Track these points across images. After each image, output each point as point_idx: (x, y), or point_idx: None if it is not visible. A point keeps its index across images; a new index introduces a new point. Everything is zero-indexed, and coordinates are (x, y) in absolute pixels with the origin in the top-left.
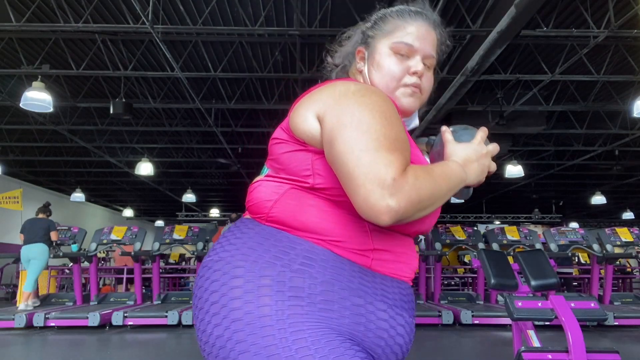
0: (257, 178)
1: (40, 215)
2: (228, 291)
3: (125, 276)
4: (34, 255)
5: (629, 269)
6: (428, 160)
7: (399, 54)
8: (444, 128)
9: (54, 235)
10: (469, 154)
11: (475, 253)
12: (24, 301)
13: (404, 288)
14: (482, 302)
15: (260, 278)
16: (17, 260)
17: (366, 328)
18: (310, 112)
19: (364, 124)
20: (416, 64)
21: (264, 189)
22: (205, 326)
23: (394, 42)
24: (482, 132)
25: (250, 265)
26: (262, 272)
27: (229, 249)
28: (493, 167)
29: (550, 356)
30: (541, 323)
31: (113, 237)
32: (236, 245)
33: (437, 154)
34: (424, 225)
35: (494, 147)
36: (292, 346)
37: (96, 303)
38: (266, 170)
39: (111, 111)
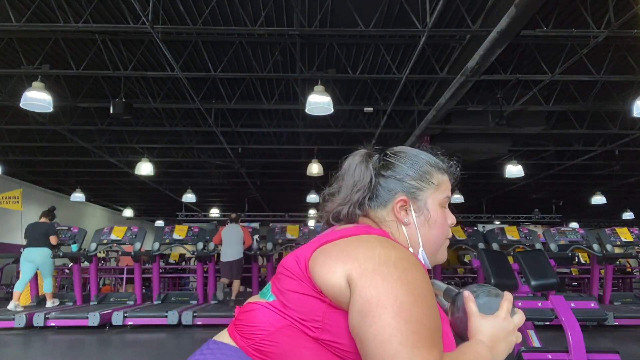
0: (257, 300)
1: (43, 219)
2: None
3: (125, 276)
4: (40, 261)
5: (629, 269)
6: (447, 317)
7: (444, 208)
8: (467, 294)
9: (53, 240)
10: (497, 333)
11: (475, 253)
12: (48, 300)
13: None
14: None
15: None
16: (17, 260)
17: None
18: (340, 268)
19: (405, 311)
20: (452, 217)
21: (262, 316)
22: None
23: (445, 197)
24: (508, 302)
25: None
26: None
27: None
28: (519, 339)
29: (550, 356)
30: (541, 323)
31: (113, 237)
32: None
33: (458, 320)
34: None
35: (520, 319)
36: None
37: (96, 303)
38: (271, 296)
39: (111, 111)
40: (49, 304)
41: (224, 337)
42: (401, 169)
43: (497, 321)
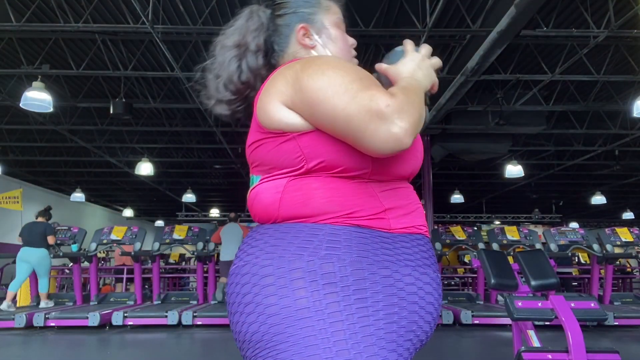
0: (252, 188)
1: (40, 219)
2: (261, 290)
3: (125, 276)
4: (36, 261)
5: (629, 269)
6: None
7: (340, 29)
8: (376, 65)
9: (50, 240)
10: (410, 67)
11: (475, 253)
12: (7, 300)
13: (423, 243)
14: (482, 302)
15: (291, 272)
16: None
17: (399, 298)
18: (275, 104)
19: (328, 89)
20: (351, 38)
21: (264, 193)
22: (241, 327)
23: (338, 18)
24: (409, 44)
25: (278, 261)
26: (291, 265)
27: (252, 251)
28: (436, 62)
29: (550, 356)
30: (541, 323)
31: (113, 237)
32: (258, 247)
33: (387, 84)
34: (416, 161)
35: (426, 48)
36: (330, 338)
37: (96, 303)
38: (256, 178)
39: (111, 111)
40: (42, 304)
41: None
42: (292, 3)
43: (406, 60)
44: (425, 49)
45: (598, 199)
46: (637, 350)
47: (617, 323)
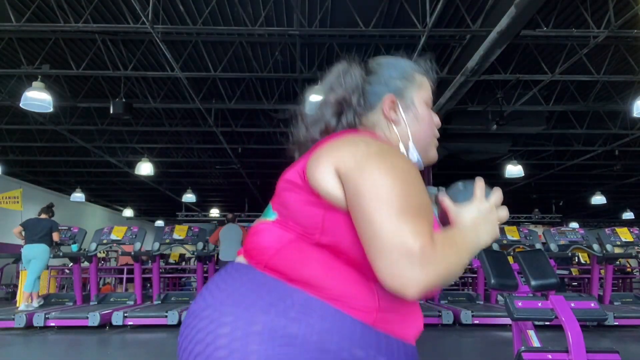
0: (262, 220)
1: (43, 216)
2: (213, 340)
3: (125, 276)
4: (35, 256)
5: (629, 269)
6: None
7: (429, 107)
8: (440, 195)
9: (56, 236)
10: (475, 217)
11: None
12: (24, 301)
13: (410, 350)
14: (482, 302)
15: (251, 325)
16: (17, 260)
17: None
18: (329, 168)
19: (384, 192)
20: (436, 117)
21: (268, 234)
22: None
23: (428, 96)
24: (480, 187)
25: (241, 312)
26: (254, 319)
27: (218, 295)
28: (503, 216)
29: (550, 356)
30: (541, 323)
31: (113, 237)
32: (226, 291)
33: (443, 218)
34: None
35: (497, 197)
36: None
37: (96, 303)
38: (272, 214)
39: (111, 111)
40: (22, 306)
41: (239, 260)
42: (384, 72)
43: (474, 207)
44: (497, 196)
45: (598, 199)
46: (637, 350)
47: (617, 323)
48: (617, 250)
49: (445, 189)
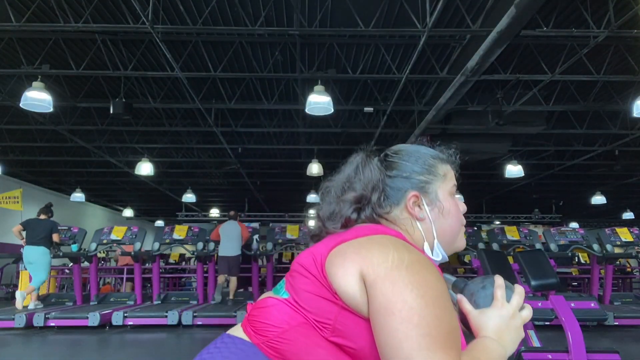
0: (272, 296)
1: (42, 216)
2: None
3: (125, 276)
4: (35, 259)
5: (629, 269)
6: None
7: (454, 197)
8: (459, 297)
9: (56, 237)
10: (499, 325)
11: (475, 253)
12: (32, 300)
13: None
14: None
15: None
16: (17, 260)
17: None
18: (355, 269)
19: (415, 315)
20: (462, 205)
21: (277, 312)
22: None
23: (453, 185)
24: (500, 289)
25: None
26: None
27: None
28: (527, 316)
29: (550, 356)
30: (541, 323)
31: (113, 237)
32: None
33: (461, 319)
34: None
35: (519, 298)
36: None
37: (96, 303)
38: (285, 292)
39: (111, 111)
40: (31, 305)
41: (238, 331)
42: (406, 166)
43: (496, 313)
44: (518, 296)
45: (598, 199)
46: (637, 350)
47: (617, 323)
48: (617, 250)
49: (461, 284)
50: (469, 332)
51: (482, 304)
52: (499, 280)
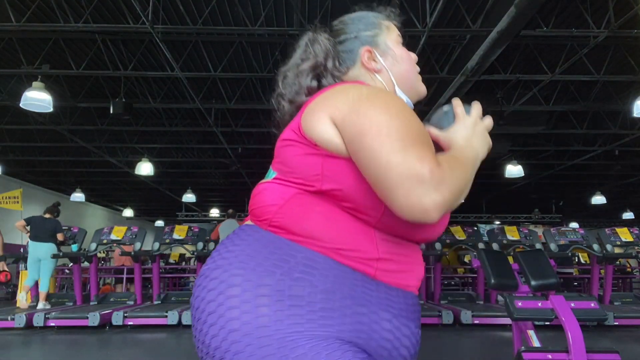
0: (263, 181)
1: (48, 215)
2: (225, 300)
3: (125, 276)
4: (43, 256)
5: (629, 269)
6: None
7: (402, 45)
8: (427, 127)
9: (60, 236)
10: (465, 133)
11: (475, 253)
12: (41, 300)
13: (410, 298)
14: (482, 302)
15: (259, 287)
16: (17, 260)
17: (369, 337)
18: (324, 116)
19: (384, 127)
20: (413, 54)
21: (270, 193)
22: (203, 337)
23: (398, 35)
24: (459, 106)
25: (249, 273)
26: (261, 281)
27: (227, 256)
28: (488, 123)
29: (550, 356)
30: (541, 323)
31: (113, 237)
32: (234, 252)
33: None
34: (434, 232)
35: (477, 109)
36: (289, 355)
37: (96, 303)
38: (272, 173)
39: (111, 111)
40: (40, 305)
41: (248, 222)
42: (351, 28)
43: (459, 125)
44: (477, 109)
45: (598, 199)
46: (637, 350)
47: (617, 323)
48: (617, 250)
49: (429, 116)
50: None
51: (447, 125)
52: (455, 101)
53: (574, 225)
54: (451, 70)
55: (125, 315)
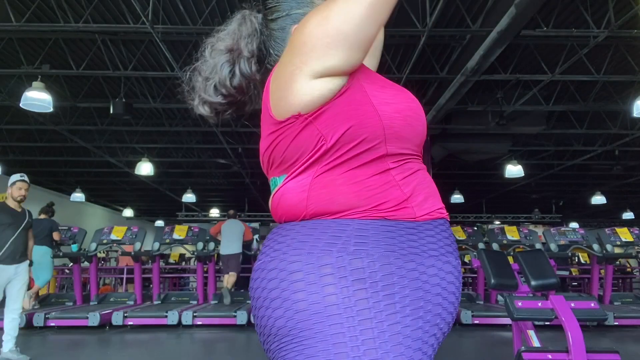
0: (275, 190)
1: (42, 216)
2: (289, 285)
3: (125, 276)
4: (37, 259)
5: (629, 269)
6: None
7: None
8: None
9: (56, 236)
10: None
11: (475, 253)
12: (31, 292)
13: (445, 229)
14: (482, 302)
15: (320, 267)
16: None
17: (424, 291)
18: (289, 86)
19: (305, 24)
20: None
21: (290, 193)
22: (266, 321)
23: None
24: None
25: (306, 256)
26: (320, 261)
27: (279, 247)
28: None
29: (550, 356)
30: (541, 323)
31: (113, 237)
32: (285, 242)
33: None
34: (420, 125)
35: None
36: (358, 336)
37: (96, 303)
38: (279, 180)
39: (111, 111)
40: (26, 295)
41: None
42: (283, 6)
43: None
44: None
45: (598, 199)
46: (637, 350)
47: (617, 323)
48: (617, 250)
49: None
50: None
51: None
52: None
53: (574, 225)
54: (451, 70)
55: (125, 315)
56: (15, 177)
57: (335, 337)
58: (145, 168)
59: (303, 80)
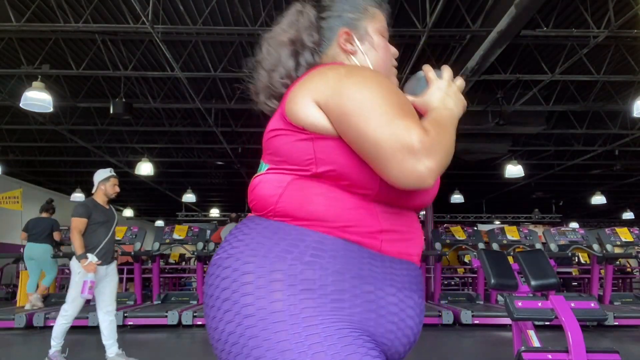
0: (257, 175)
1: (44, 214)
2: (239, 287)
3: (125, 276)
4: (37, 256)
5: (629, 269)
6: None
7: (384, 37)
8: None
9: (57, 236)
10: (439, 95)
11: (475, 253)
12: (38, 292)
13: (413, 269)
14: (482, 302)
15: (272, 273)
16: (17, 260)
17: (378, 315)
18: (308, 100)
19: (367, 104)
20: (393, 48)
21: (267, 184)
22: (217, 323)
23: (382, 26)
24: (430, 72)
25: (261, 260)
26: (273, 267)
27: (237, 245)
28: (461, 84)
29: (550, 356)
30: (541, 323)
31: None
32: (244, 241)
33: None
34: (429, 196)
35: (448, 71)
36: (305, 342)
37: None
38: (264, 166)
39: (111, 111)
40: (33, 297)
41: (251, 215)
42: (337, 7)
43: (433, 89)
44: (447, 72)
45: (598, 199)
46: (637, 350)
47: (617, 323)
48: (617, 250)
49: (405, 86)
50: None
51: (421, 90)
52: (426, 67)
53: (574, 225)
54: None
55: (125, 315)
56: (105, 172)
57: (282, 345)
58: (145, 168)
59: (308, 102)
